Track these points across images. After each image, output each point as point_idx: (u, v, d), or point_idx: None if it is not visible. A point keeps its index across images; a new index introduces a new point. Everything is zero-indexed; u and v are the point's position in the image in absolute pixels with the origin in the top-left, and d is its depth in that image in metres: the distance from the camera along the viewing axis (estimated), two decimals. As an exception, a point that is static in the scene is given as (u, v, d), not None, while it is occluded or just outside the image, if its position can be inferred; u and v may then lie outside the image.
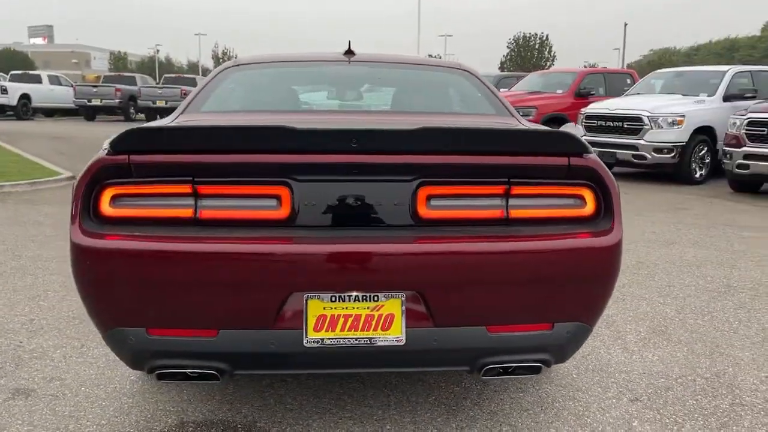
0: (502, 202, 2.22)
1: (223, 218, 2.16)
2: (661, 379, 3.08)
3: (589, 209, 2.26)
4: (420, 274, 2.14)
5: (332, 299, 2.14)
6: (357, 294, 2.15)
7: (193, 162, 2.13)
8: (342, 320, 2.15)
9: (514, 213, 2.22)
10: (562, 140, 2.22)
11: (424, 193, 2.19)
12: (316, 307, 2.14)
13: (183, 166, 2.13)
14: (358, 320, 2.16)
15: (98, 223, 2.14)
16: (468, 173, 2.21)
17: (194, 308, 2.14)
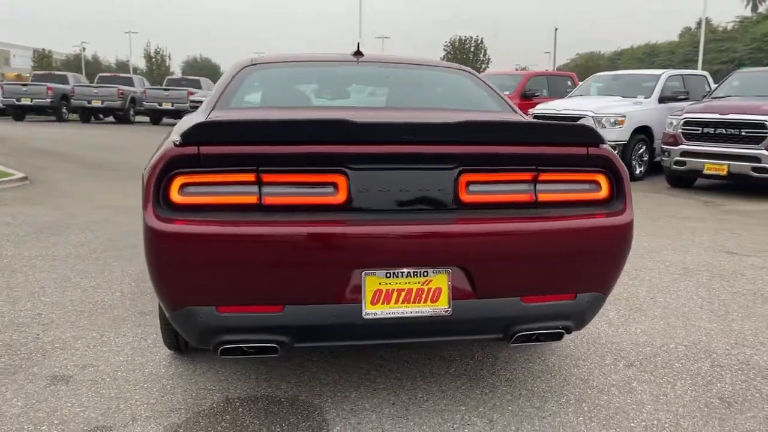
0: (530, 187, 2.51)
1: (285, 204, 2.36)
2: (647, 348, 3.45)
3: (604, 193, 2.57)
4: (464, 251, 2.41)
5: (387, 275, 2.38)
6: (408, 270, 2.39)
7: (257, 153, 2.32)
8: (396, 294, 2.39)
9: (542, 197, 2.52)
10: (582, 132, 2.53)
11: (465, 180, 2.45)
12: (372, 283, 2.37)
13: (248, 156, 2.31)
14: (410, 294, 2.40)
15: (168, 209, 2.30)
16: (502, 162, 2.49)
17: (262, 286, 2.33)
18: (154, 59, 66.83)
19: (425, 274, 2.40)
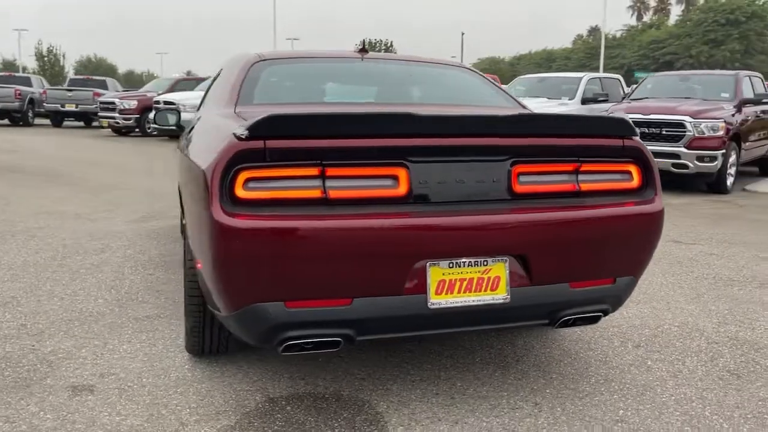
0: (573, 177, 2.63)
1: (349, 197, 2.35)
2: (646, 330, 3.68)
3: (636, 182, 2.74)
4: (520, 240, 2.49)
5: (449, 265, 2.43)
6: (469, 260, 2.45)
7: (321, 147, 2.30)
8: (458, 284, 2.44)
9: (584, 186, 2.65)
10: (619, 125, 2.68)
11: (517, 171, 2.54)
12: (436, 273, 2.41)
13: (313, 150, 2.30)
14: (471, 283, 2.46)
15: (232, 204, 2.24)
16: (550, 153, 2.59)
17: (330, 280, 2.32)
18: (46, 58, 62.95)
19: (485, 263, 2.47)
